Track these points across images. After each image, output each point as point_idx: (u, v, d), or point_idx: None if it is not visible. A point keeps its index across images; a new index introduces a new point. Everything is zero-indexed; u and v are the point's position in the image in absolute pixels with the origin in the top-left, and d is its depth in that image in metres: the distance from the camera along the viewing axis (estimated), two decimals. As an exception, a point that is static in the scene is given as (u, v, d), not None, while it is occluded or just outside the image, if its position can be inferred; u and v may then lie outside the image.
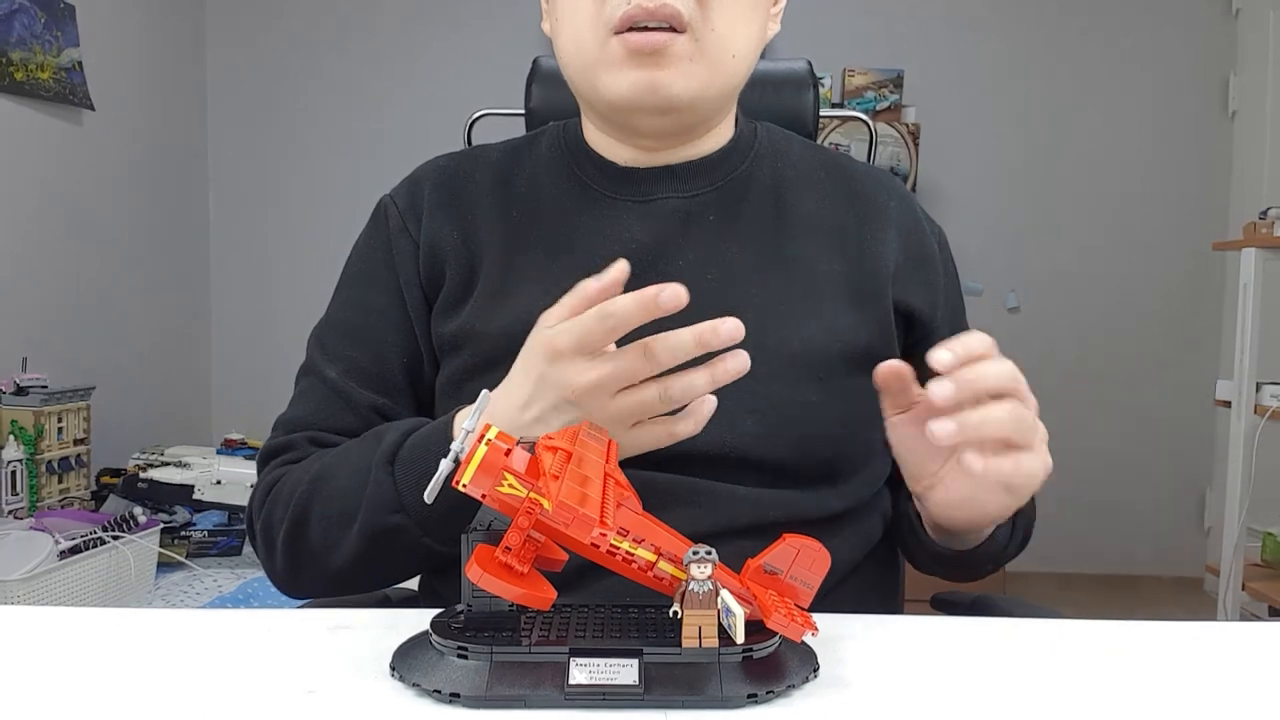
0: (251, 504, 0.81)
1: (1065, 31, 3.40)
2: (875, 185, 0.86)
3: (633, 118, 0.78)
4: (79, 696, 0.50)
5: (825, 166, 0.87)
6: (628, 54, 0.73)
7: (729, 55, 0.76)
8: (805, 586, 0.54)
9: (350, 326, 0.84)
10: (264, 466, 0.82)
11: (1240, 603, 2.48)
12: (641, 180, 0.82)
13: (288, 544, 0.76)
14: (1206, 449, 3.41)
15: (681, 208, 0.81)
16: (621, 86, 0.74)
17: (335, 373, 0.82)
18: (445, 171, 0.86)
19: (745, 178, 0.83)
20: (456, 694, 0.48)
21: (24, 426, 2.24)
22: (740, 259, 0.79)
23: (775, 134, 0.88)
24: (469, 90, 3.37)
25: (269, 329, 3.43)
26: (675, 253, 0.79)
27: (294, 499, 0.75)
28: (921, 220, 0.87)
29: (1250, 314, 2.42)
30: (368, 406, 0.81)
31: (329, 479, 0.74)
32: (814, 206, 0.83)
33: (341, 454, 0.76)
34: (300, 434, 0.81)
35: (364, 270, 0.85)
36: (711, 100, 0.78)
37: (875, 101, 3.30)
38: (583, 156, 0.84)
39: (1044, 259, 3.43)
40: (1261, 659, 0.57)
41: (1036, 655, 0.57)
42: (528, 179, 0.85)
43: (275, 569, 0.79)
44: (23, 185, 2.53)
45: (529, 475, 0.49)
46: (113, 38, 2.88)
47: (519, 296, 0.78)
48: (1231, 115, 3.37)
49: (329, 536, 0.74)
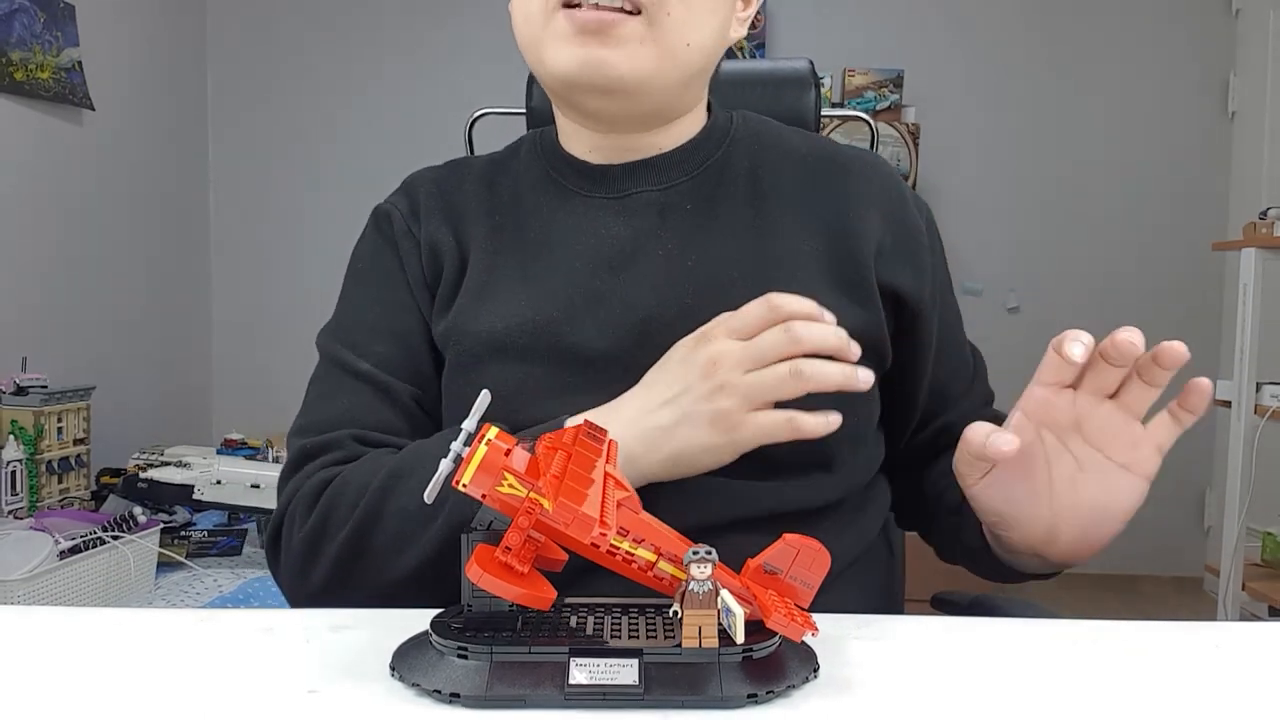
0: (290, 510, 0.75)
1: (1065, 31, 3.40)
2: (858, 164, 0.85)
3: (576, 96, 0.77)
4: (79, 696, 0.50)
5: (806, 149, 0.86)
6: (574, 29, 0.72)
7: (683, 43, 0.75)
8: (805, 586, 0.54)
9: (374, 322, 0.83)
10: (299, 470, 0.77)
11: (1240, 603, 2.48)
12: (616, 177, 0.82)
13: (348, 545, 0.72)
14: (1206, 449, 3.40)
15: (657, 200, 0.81)
16: (563, 61, 0.74)
17: (369, 366, 0.80)
18: (436, 181, 0.87)
19: (720, 165, 0.83)
20: (456, 694, 0.48)
21: (24, 426, 2.23)
22: (720, 245, 0.79)
23: (752, 120, 0.88)
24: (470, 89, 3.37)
25: (269, 329, 3.43)
26: (654, 245, 0.79)
27: (365, 496, 0.71)
28: (907, 200, 0.85)
29: (1250, 314, 2.42)
30: (408, 397, 0.80)
31: (407, 475, 0.71)
32: (793, 188, 0.82)
33: (416, 451, 0.73)
34: (342, 432, 0.77)
35: (377, 268, 0.85)
36: (660, 88, 0.77)
37: (875, 101, 3.30)
38: (557, 159, 0.85)
39: (1044, 259, 3.43)
40: (1261, 659, 0.57)
41: (1036, 655, 0.57)
42: (509, 186, 0.86)
43: (309, 581, 0.74)
44: (23, 185, 2.53)
45: (529, 475, 0.49)
46: (113, 38, 2.88)
47: (500, 297, 0.79)
48: (1231, 115, 3.37)
49: (404, 535, 0.70)
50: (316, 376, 0.83)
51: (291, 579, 0.76)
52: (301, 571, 0.75)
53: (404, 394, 0.80)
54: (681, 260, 0.78)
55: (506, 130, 1.01)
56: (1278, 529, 2.58)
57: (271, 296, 3.45)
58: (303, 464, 0.77)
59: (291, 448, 0.80)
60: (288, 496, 0.77)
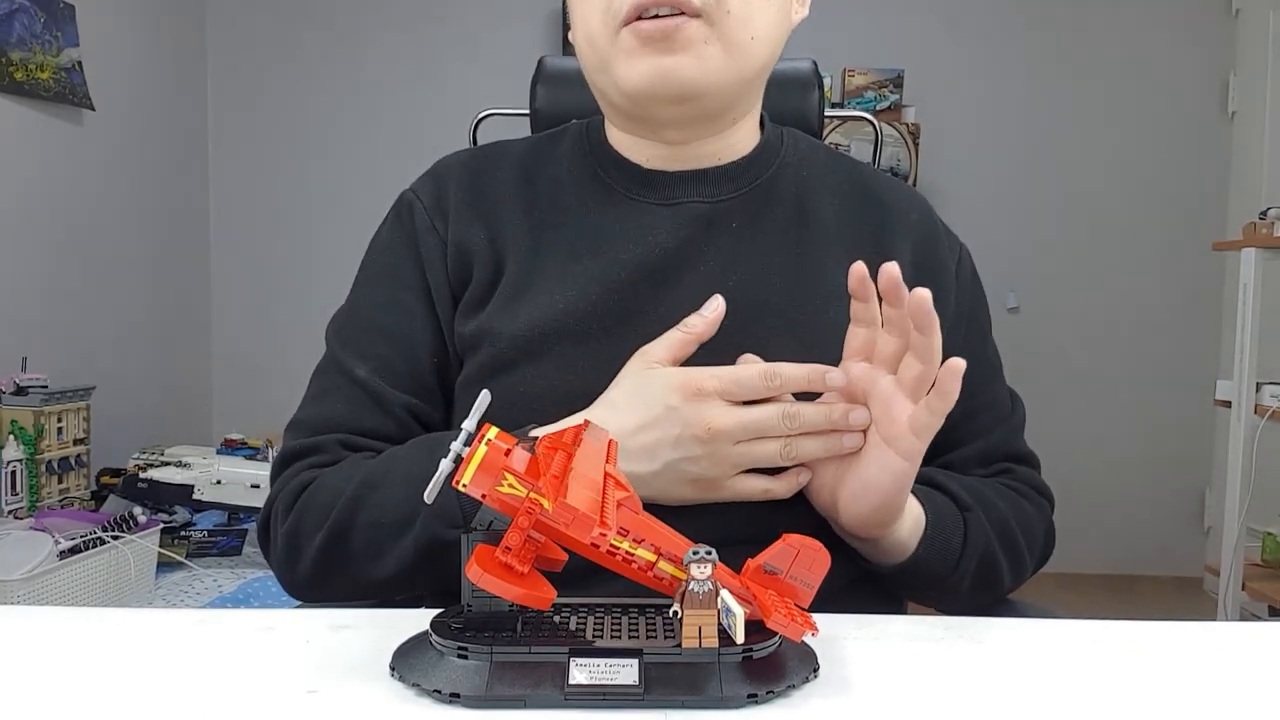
0: (273, 506, 0.78)
1: (1065, 31, 3.40)
2: (897, 197, 0.86)
3: (650, 108, 0.77)
4: (79, 696, 0.50)
5: (849, 177, 0.86)
6: (639, 43, 0.72)
7: (747, 37, 0.75)
8: (805, 586, 0.54)
9: (379, 324, 0.82)
10: (287, 468, 0.79)
11: (1240, 603, 2.48)
12: (666, 183, 0.81)
13: (324, 550, 0.73)
14: (1206, 449, 3.41)
15: (706, 213, 0.80)
16: (635, 76, 0.74)
17: (365, 371, 0.79)
18: (469, 169, 0.85)
19: (769, 184, 0.83)
20: (456, 694, 0.48)
21: (24, 426, 2.24)
22: (762, 266, 0.79)
23: (800, 141, 0.88)
24: (474, 90, 3.37)
25: (269, 328, 3.43)
26: (697, 258, 0.79)
27: (337, 505, 0.72)
28: (940, 234, 0.86)
29: (1250, 314, 2.42)
30: (401, 406, 0.79)
31: (379, 486, 0.72)
32: (835, 216, 0.83)
33: (389, 461, 0.74)
34: (329, 436, 0.78)
35: (390, 266, 0.83)
36: (730, 85, 0.76)
37: (875, 101, 3.30)
38: (606, 158, 0.83)
39: (1044, 259, 3.43)
40: (1261, 659, 0.57)
41: (1036, 655, 0.57)
42: (549, 178, 0.84)
43: (296, 574, 0.76)
44: (23, 185, 2.53)
45: (529, 475, 0.49)
46: (113, 38, 2.88)
47: (538, 297, 0.78)
48: (1231, 116, 3.38)
49: (376, 545, 0.72)
50: (319, 369, 0.84)
51: (279, 570, 0.79)
52: (287, 563, 0.77)
53: (397, 402, 0.79)
54: (724, 278, 0.77)
55: (510, 132, 1.01)
56: (1278, 529, 2.58)
57: (271, 297, 3.45)
58: (290, 462, 0.79)
59: (284, 441, 0.81)
60: (273, 494, 0.79)
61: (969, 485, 0.79)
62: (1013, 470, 0.86)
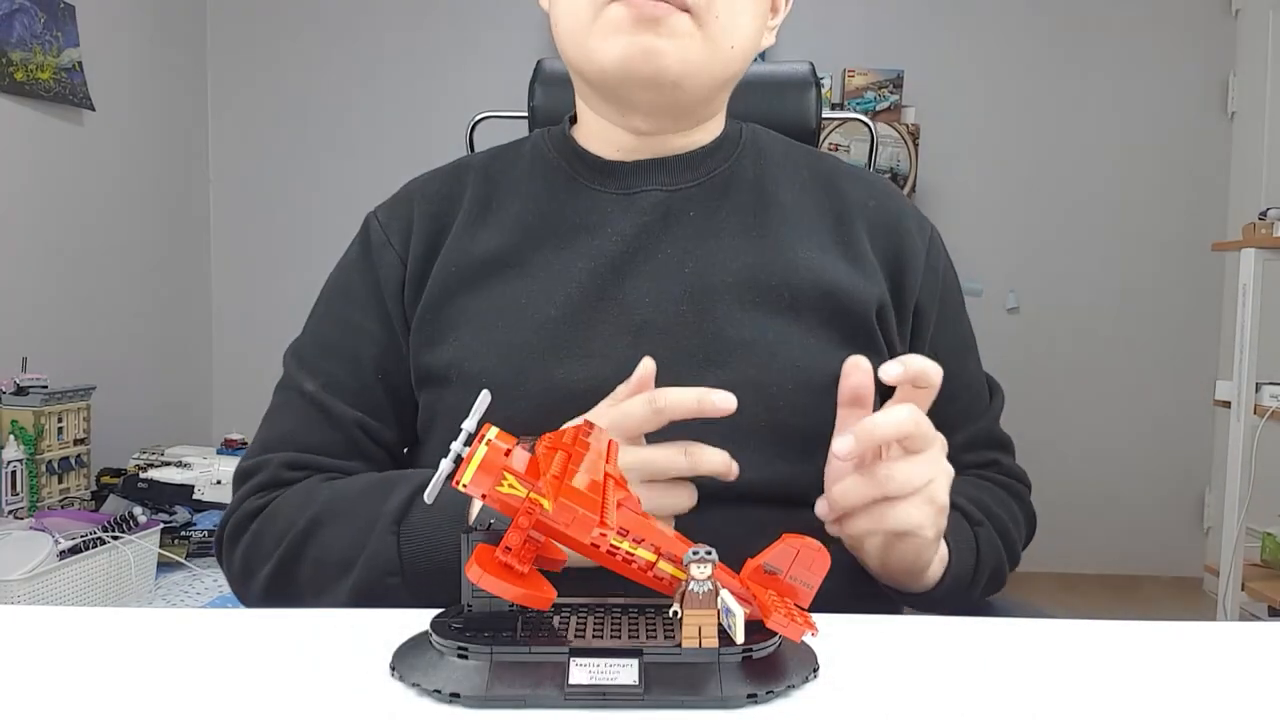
0: (225, 528, 0.79)
1: (1065, 31, 3.40)
2: (855, 184, 0.86)
3: (624, 88, 0.77)
4: (79, 696, 0.50)
5: (808, 165, 0.87)
6: (630, 19, 0.73)
7: (727, 45, 0.76)
8: (805, 586, 0.54)
9: (328, 341, 0.83)
10: (239, 487, 0.81)
11: (1240, 603, 2.48)
12: (625, 173, 0.82)
13: (274, 578, 0.75)
14: (1206, 449, 3.41)
15: (664, 201, 0.81)
16: (615, 50, 0.74)
17: (314, 386, 0.81)
18: (431, 187, 0.86)
19: (728, 174, 0.84)
20: (456, 694, 0.48)
21: (24, 426, 2.24)
22: (719, 255, 0.79)
23: (760, 134, 0.89)
24: (471, 92, 3.38)
25: (269, 329, 3.42)
26: (654, 246, 0.80)
27: (287, 538, 0.74)
28: (906, 219, 0.85)
29: (1250, 314, 2.42)
30: (350, 421, 0.80)
31: (327, 524, 0.73)
32: (794, 200, 0.83)
33: (342, 497, 0.75)
34: (274, 455, 0.80)
35: (345, 285, 0.85)
36: (704, 83, 0.78)
37: (875, 102, 3.30)
38: (568, 151, 0.85)
39: (1044, 259, 3.43)
40: (1261, 659, 0.57)
41: (1036, 655, 0.57)
42: (510, 173, 0.85)
43: (250, 591, 0.78)
44: (23, 185, 2.53)
45: (529, 475, 0.49)
46: (113, 38, 2.89)
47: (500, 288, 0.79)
48: (1231, 116, 3.38)
49: (320, 580, 0.73)
50: (276, 387, 0.85)
51: (234, 587, 0.80)
52: (243, 582, 0.79)
53: (346, 417, 0.80)
54: (679, 267, 0.78)
55: (508, 134, 1.01)
56: (1277, 529, 2.59)
57: (271, 297, 3.45)
58: (241, 482, 0.81)
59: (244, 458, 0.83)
60: (226, 514, 0.80)
61: (973, 497, 0.80)
62: (998, 462, 0.87)
